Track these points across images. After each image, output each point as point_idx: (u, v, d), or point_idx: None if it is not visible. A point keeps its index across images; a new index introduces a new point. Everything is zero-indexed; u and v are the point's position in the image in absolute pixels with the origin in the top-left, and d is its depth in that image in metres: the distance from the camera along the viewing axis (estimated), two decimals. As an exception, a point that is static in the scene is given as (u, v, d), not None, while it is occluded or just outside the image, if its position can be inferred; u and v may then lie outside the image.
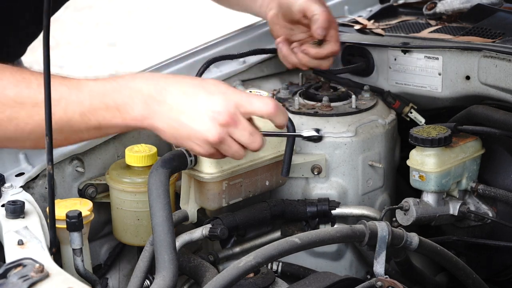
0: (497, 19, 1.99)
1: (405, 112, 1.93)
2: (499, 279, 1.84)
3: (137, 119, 1.40)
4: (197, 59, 1.98)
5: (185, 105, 1.38)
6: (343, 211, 1.75)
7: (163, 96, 1.39)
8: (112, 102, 1.39)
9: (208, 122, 1.37)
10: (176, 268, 1.36)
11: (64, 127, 1.41)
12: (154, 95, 1.39)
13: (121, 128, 1.44)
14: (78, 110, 1.40)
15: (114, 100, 1.39)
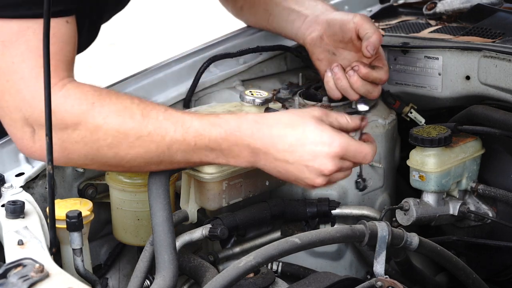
0: (497, 19, 1.99)
1: (405, 112, 1.93)
2: (499, 279, 1.84)
3: (241, 163, 1.46)
4: (197, 59, 1.98)
5: (290, 159, 1.44)
6: (343, 211, 1.75)
7: (268, 149, 1.44)
8: (218, 148, 1.44)
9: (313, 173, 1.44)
10: (176, 268, 1.36)
11: (164, 161, 1.43)
12: (261, 148, 1.44)
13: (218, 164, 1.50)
14: (182, 149, 1.42)
15: (220, 147, 1.44)
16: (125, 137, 1.39)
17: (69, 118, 1.38)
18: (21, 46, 1.36)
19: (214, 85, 1.97)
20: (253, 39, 2.10)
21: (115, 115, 1.39)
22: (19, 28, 1.35)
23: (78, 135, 1.39)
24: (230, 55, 1.98)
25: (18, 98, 1.38)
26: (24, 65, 1.36)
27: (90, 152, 1.41)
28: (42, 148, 1.35)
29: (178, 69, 1.96)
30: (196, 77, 1.92)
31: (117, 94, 1.43)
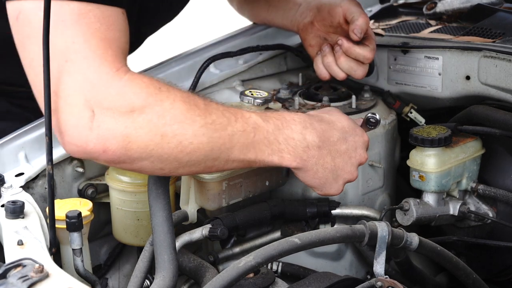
0: (497, 19, 1.99)
1: (405, 112, 1.93)
2: (499, 279, 1.84)
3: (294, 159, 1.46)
4: (197, 59, 1.98)
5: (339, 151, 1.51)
6: (343, 211, 1.75)
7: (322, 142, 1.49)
8: (275, 140, 1.44)
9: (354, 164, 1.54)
10: (176, 268, 1.36)
11: (220, 156, 1.39)
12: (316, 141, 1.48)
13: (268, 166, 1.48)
14: (241, 141, 1.40)
15: (277, 138, 1.44)
16: (191, 123, 1.34)
17: (137, 101, 1.30)
18: (82, 27, 1.29)
19: (214, 85, 1.97)
20: (253, 39, 2.10)
21: (182, 101, 1.34)
22: (79, 10, 1.29)
23: (144, 119, 1.30)
24: (230, 54, 1.98)
25: (80, 79, 1.29)
26: (87, 45, 1.28)
27: (153, 140, 1.31)
28: (99, 137, 1.29)
29: (178, 69, 1.96)
30: (196, 76, 1.92)
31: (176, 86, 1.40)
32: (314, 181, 1.51)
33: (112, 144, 1.29)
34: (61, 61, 1.29)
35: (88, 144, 1.30)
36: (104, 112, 1.29)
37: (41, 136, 1.58)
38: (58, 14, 1.28)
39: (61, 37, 1.29)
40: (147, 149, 1.32)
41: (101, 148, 1.30)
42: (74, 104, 1.29)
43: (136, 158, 1.32)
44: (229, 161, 1.41)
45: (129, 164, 1.34)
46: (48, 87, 1.29)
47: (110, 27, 1.31)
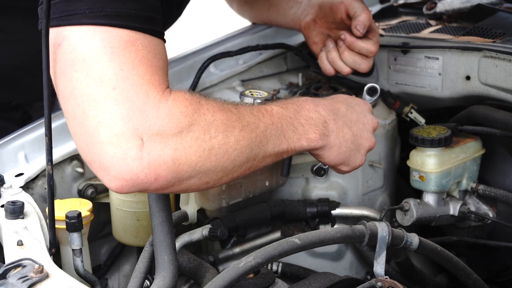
0: (497, 19, 1.99)
1: (405, 112, 1.93)
2: (500, 280, 1.84)
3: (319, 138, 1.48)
4: (197, 59, 1.98)
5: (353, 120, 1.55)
6: (343, 211, 1.75)
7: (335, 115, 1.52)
8: (299, 124, 1.46)
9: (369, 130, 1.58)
10: (175, 269, 1.36)
11: (258, 155, 1.39)
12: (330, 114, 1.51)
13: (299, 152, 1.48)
14: (274, 133, 1.41)
15: (300, 121, 1.46)
16: (232, 130, 1.34)
17: (184, 120, 1.28)
18: (130, 55, 1.26)
19: (214, 85, 1.97)
20: (253, 39, 2.10)
21: (220, 110, 1.34)
22: (128, 38, 1.26)
23: (192, 137, 1.29)
24: (230, 54, 1.98)
25: (127, 107, 1.24)
26: (134, 72, 1.25)
27: (202, 155, 1.30)
28: (150, 165, 1.24)
29: (178, 69, 1.96)
30: (197, 76, 1.92)
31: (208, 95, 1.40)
32: (340, 157, 1.52)
33: (163, 170, 1.26)
34: (109, 88, 1.24)
35: (139, 176, 1.25)
36: (153, 139, 1.25)
37: (41, 136, 1.58)
38: (107, 41, 1.25)
39: (109, 63, 1.25)
40: (196, 166, 1.30)
41: (152, 177, 1.26)
42: (121, 134, 1.24)
43: (185, 178, 1.30)
44: (266, 157, 1.42)
45: (177, 186, 1.31)
46: (48, 87, 1.29)
47: (156, 55, 1.30)
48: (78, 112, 1.26)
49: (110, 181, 1.25)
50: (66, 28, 1.26)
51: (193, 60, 1.99)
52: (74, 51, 1.26)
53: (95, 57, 1.25)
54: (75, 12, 1.25)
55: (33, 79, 1.55)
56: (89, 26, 1.25)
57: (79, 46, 1.25)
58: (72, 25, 1.26)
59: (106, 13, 1.25)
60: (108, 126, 1.23)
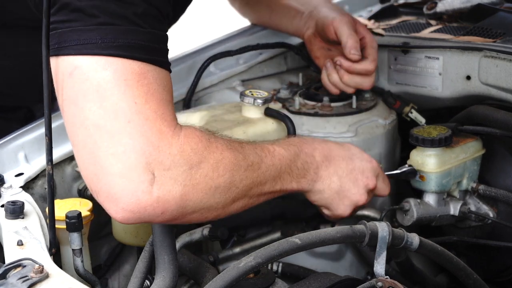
0: (497, 19, 1.99)
1: (405, 112, 1.93)
2: (500, 280, 1.84)
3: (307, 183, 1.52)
4: (197, 59, 1.98)
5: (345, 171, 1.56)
6: (344, 211, 1.74)
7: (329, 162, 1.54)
8: (295, 168, 1.49)
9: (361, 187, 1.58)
10: (176, 269, 1.36)
11: (254, 192, 1.41)
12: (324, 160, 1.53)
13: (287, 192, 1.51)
14: (272, 174, 1.43)
15: (296, 165, 1.49)
16: (238, 169, 1.36)
17: (195, 157, 1.30)
18: (143, 88, 1.25)
19: (214, 85, 1.97)
20: (253, 38, 2.10)
21: (228, 149, 1.35)
22: (140, 70, 1.26)
23: (201, 174, 1.30)
24: (230, 53, 1.98)
25: (141, 141, 1.24)
26: (148, 106, 1.25)
27: (208, 193, 1.32)
28: (159, 199, 1.26)
29: (178, 69, 1.95)
30: (197, 76, 1.92)
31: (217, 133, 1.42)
32: (321, 202, 1.57)
33: (171, 205, 1.28)
34: (123, 121, 1.25)
35: (147, 209, 1.27)
36: (164, 174, 1.26)
37: (41, 136, 1.58)
38: (120, 72, 1.25)
39: (124, 96, 1.25)
40: (201, 202, 1.32)
41: (160, 211, 1.28)
42: (134, 168, 1.24)
43: (189, 213, 1.32)
44: (260, 196, 1.44)
45: (180, 220, 1.33)
46: (48, 87, 1.29)
47: (165, 88, 1.30)
48: (89, 142, 1.26)
49: (117, 212, 1.26)
50: (78, 58, 1.25)
51: (193, 60, 1.99)
52: (87, 81, 1.25)
53: (109, 88, 1.24)
54: (87, 42, 1.24)
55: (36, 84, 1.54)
56: (101, 56, 1.24)
57: (91, 77, 1.24)
58: (84, 55, 1.25)
59: (118, 43, 1.25)
60: (121, 159, 1.24)
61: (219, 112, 1.73)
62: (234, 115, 1.71)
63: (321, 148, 1.54)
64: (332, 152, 1.55)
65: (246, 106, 1.69)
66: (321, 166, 1.53)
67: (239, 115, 1.70)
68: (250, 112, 1.68)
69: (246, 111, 1.69)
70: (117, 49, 1.24)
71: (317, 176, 1.53)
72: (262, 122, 1.67)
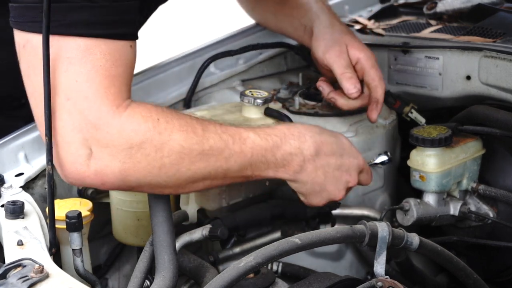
0: (497, 19, 1.99)
1: (405, 112, 1.93)
2: (500, 280, 1.84)
3: (288, 172, 1.50)
4: (197, 59, 1.98)
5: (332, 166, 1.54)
6: (343, 211, 1.75)
7: (318, 156, 1.52)
8: (272, 157, 1.46)
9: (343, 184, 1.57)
10: (176, 269, 1.36)
11: (218, 175, 1.42)
12: (313, 154, 1.51)
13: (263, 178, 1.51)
14: (239, 161, 1.42)
15: (275, 155, 1.47)
16: (189, 152, 1.36)
17: (135, 137, 1.32)
18: (87, 65, 1.29)
19: (214, 85, 1.97)
20: (253, 38, 2.10)
21: (179, 131, 1.36)
22: (86, 47, 1.29)
23: (142, 154, 1.33)
24: (230, 53, 1.98)
25: (79, 118, 1.30)
26: (89, 84, 1.29)
27: (151, 172, 1.35)
28: (97, 172, 1.32)
29: (178, 69, 1.95)
30: (197, 76, 1.92)
31: (176, 111, 1.41)
32: (300, 190, 1.56)
33: (110, 179, 1.33)
34: (63, 98, 1.30)
35: (86, 179, 1.34)
36: (102, 150, 1.31)
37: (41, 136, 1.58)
38: (64, 50, 1.29)
39: (65, 74, 1.29)
40: (145, 179, 1.36)
41: (99, 182, 1.34)
42: (72, 142, 1.31)
43: (134, 186, 1.37)
44: (227, 178, 1.45)
45: (127, 190, 1.42)
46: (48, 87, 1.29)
47: (116, 62, 1.32)
48: (38, 112, 1.34)
49: (63, 177, 1.36)
50: (28, 34, 1.31)
51: (193, 60, 1.99)
52: (36, 56, 1.30)
53: (52, 66, 1.29)
54: (36, 20, 1.28)
55: None
56: None
57: (39, 53, 1.28)
58: (34, 33, 1.30)
59: (65, 22, 1.28)
60: (60, 133, 1.31)
61: (219, 112, 1.73)
62: (234, 115, 1.71)
63: (313, 142, 1.51)
64: (324, 147, 1.53)
65: (246, 106, 1.69)
66: (308, 160, 1.51)
67: (239, 115, 1.70)
68: (250, 112, 1.68)
69: (246, 111, 1.69)
70: (63, 27, 1.28)
71: (302, 169, 1.51)
72: (262, 122, 1.67)
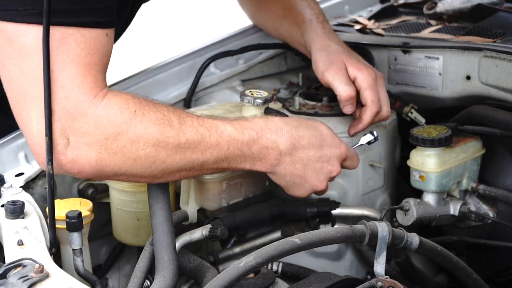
0: (497, 19, 1.99)
1: (405, 112, 1.93)
2: (500, 279, 1.84)
3: (265, 166, 1.51)
4: (197, 59, 1.98)
5: (311, 159, 1.54)
6: (344, 211, 1.75)
7: (295, 150, 1.52)
8: (248, 151, 1.47)
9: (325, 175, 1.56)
10: (176, 268, 1.36)
11: (195, 167, 1.43)
12: (289, 149, 1.51)
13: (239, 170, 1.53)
14: (215, 154, 1.43)
15: (251, 149, 1.47)
16: (165, 145, 1.38)
17: (111, 129, 1.34)
18: (62, 54, 1.31)
19: (214, 85, 1.97)
20: (253, 38, 2.09)
21: (155, 124, 1.37)
22: (61, 36, 1.30)
23: (118, 146, 1.35)
24: (230, 53, 1.98)
25: (56, 108, 1.31)
26: (65, 74, 1.31)
27: (126, 163, 1.37)
28: (73, 161, 1.34)
29: (178, 69, 1.96)
30: (197, 75, 1.92)
31: (153, 102, 1.42)
32: (280, 182, 1.56)
33: (86, 168, 1.35)
34: (41, 88, 1.31)
35: (63, 167, 1.36)
36: (78, 140, 1.33)
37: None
38: (39, 39, 1.30)
39: (41, 63, 1.30)
40: (120, 170, 1.38)
41: (75, 170, 1.36)
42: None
43: (110, 176, 1.40)
44: (204, 170, 1.46)
45: (103, 179, 1.47)
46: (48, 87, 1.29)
47: (91, 51, 1.33)
48: (15, 102, 1.35)
49: (40, 164, 1.37)
50: (2, 22, 1.31)
51: (193, 60, 1.99)
52: (11, 45, 1.31)
53: (28, 55, 1.30)
54: (9, 8, 1.29)
55: None
56: (22, 24, 1.29)
57: (14, 41, 1.30)
58: (7, 21, 1.30)
59: (39, 10, 1.28)
60: (38, 122, 1.33)
61: (219, 112, 1.73)
62: (234, 115, 1.72)
63: (289, 136, 1.51)
64: (301, 141, 1.52)
65: (246, 106, 1.69)
66: (285, 154, 1.50)
67: (239, 115, 1.70)
68: (250, 112, 1.68)
69: (246, 111, 1.69)
70: (37, 16, 1.28)
71: (279, 162, 1.51)
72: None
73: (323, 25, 1.87)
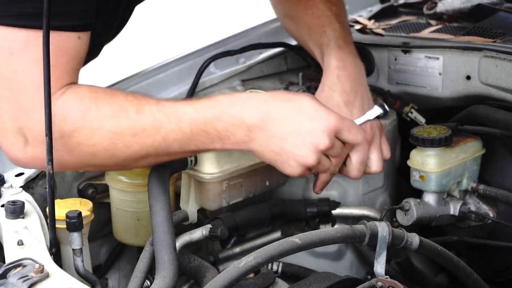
0: (497, 19, 1.99)
1: (405, 112, 1.93)
2: (500, 280, 1.84)
3: (237, 144, 1.45)
4: (197, 59, 1.98)
5: (287, 132, 1.43)
6: (343, 211, 1.75)
7: (265, 123, 1.43)
8: (213, 130, 1.43)
9: (309, 149, 1.44)
10: (176, 269, 1.36)
11: (160, 153, 1.43)
12: (257, 123, 1.43)
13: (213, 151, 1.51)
14: (178, 138, 1.42)
15: (215, 128, 1.43)
16: (121, 137, 1.39)
17: (66, 127, 1.37)
18: (27, 56, 1.34)
19: (214, 85, 1.97)
20: (253, 38, 2.10)
21: (110, 117, 1.39)
22: (28, 38, 1.33)
23: (74, 142, 1.38)
24: (230, 53, 1.98)
25: (16, 107, 1.36)
26: (27, 75, 1.35)
27: (86, 157, 1.40)
28: (34, 158, 1.39)
29: (178, 69, 1.96)
30: (197, 75, 1.92)
31: (112, 93, 1.43)
32: (264, 160, 1.48)
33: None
34: (3, 88, 1.36)
35: (26, 163, 1.43)
36: (36, 138, 1.37)
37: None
38: (6, 41, 1.34)
39: (6, 64, 1.35)
40: (82, 163, 1.43)
41: (39, 166, 1.41)
42: (9, 130, 1.38)
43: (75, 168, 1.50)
44: (171, 155, 1.46)
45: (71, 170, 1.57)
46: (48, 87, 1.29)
47: (58, 53, 1.36)
48: None
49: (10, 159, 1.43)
50: None
51: (193, 60, 1.99)
52: None
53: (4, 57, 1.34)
54: None
55: None
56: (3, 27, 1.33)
57: None
58: None
59: (9, 13, 1.32)
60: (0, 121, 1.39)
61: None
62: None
63: (256, 109, 1.43)
64: (271, 114, 1.43)
65: (246, 106, 1.68)
66: (254, 129, 1.42)
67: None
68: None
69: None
70: (6, 18, 1.32)
71: (251, 138, 1.43)
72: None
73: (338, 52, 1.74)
